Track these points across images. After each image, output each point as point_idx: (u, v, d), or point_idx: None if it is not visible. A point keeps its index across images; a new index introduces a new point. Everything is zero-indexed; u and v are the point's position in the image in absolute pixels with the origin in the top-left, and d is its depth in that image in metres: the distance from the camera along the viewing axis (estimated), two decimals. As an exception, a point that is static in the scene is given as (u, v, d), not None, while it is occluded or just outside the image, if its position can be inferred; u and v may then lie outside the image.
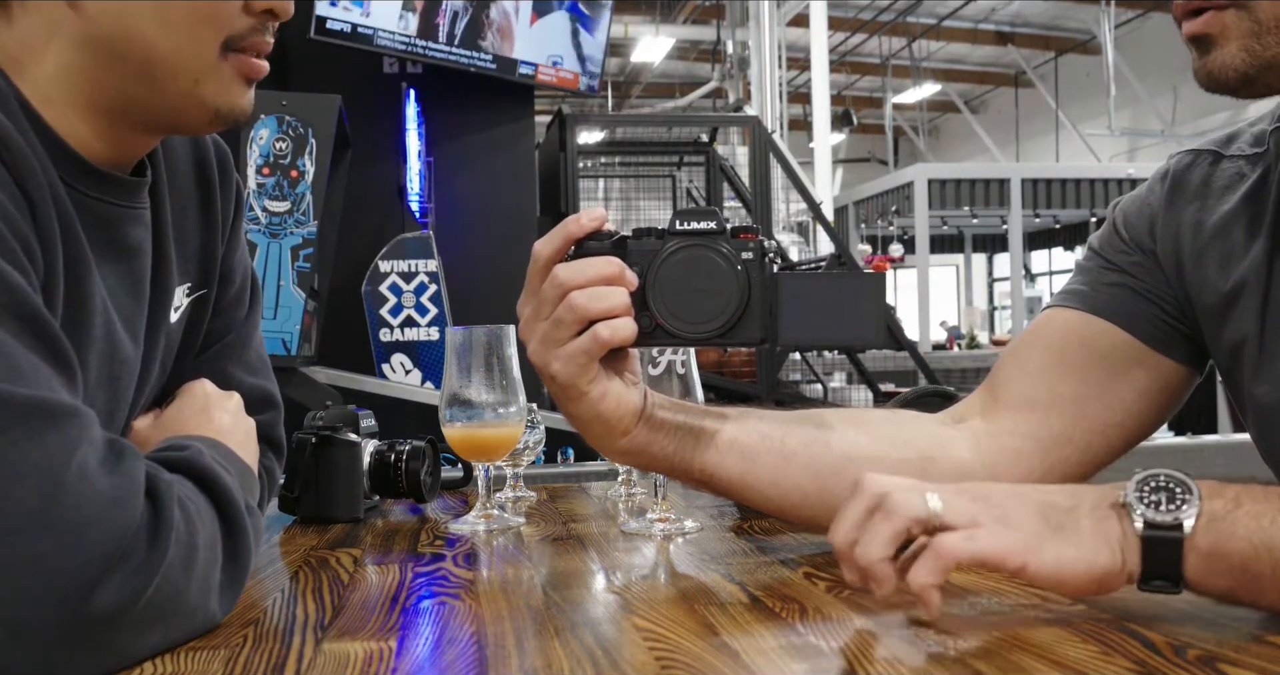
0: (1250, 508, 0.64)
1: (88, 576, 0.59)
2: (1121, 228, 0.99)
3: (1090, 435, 0.94)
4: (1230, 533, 0.63)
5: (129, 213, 0.84)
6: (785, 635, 0.67)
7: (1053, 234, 15.36)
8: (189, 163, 0.95)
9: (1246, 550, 0.63)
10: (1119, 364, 0.95)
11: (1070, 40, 15.09)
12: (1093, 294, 0.97)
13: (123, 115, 0.80)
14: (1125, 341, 0.95)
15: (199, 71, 0.79)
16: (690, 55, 14.87)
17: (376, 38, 4.59)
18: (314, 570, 0.92)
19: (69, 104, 0.78)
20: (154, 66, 0.78)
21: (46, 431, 0.61)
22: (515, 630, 0.70)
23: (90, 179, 0.80)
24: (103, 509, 0.61)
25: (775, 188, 6.86)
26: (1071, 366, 0.95)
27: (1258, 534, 0.63)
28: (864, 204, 13.47)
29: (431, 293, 4.49)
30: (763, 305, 0.83)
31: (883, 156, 18.02)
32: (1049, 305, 1.01)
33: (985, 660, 0.60)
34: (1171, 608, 0.69)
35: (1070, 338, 0.97)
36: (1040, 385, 0.96)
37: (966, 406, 1.00)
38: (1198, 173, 0.96)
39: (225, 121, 0.83)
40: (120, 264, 0.84)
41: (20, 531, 0.58)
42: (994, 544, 0.65)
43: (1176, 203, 0.96)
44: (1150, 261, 0.97)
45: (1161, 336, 0.95)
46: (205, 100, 0.80)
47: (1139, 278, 0.96)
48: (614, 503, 1.27)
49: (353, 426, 1.21)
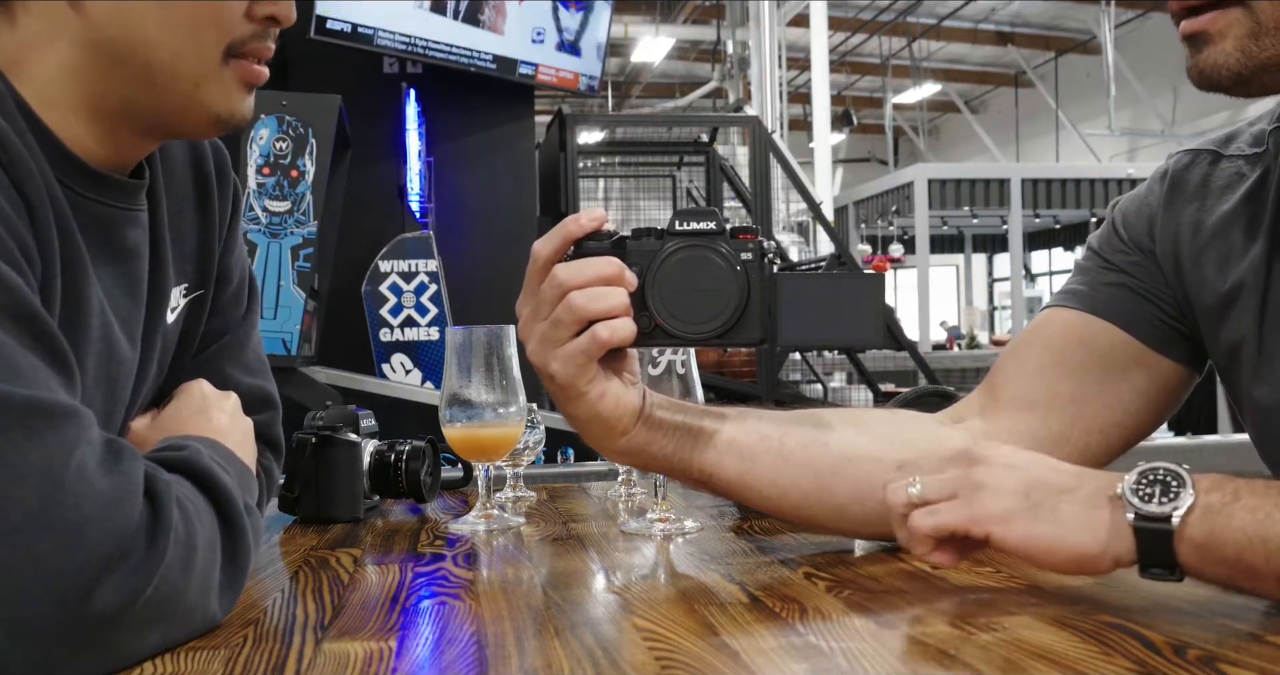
0: (1248, 501, 0.65)
1: (87, 576, 0.59)
2: (1120, 227, 0.99)
3: (1089, 435, 0.95)
4: (1226, 524, 0.65)
5: (126, 215, 0.84)
6: (785, 635, 0.67)
7: (1053, 234, 15.37)
8: (186, 163, 0.94)
9: (1241, 541, 0.64)
10: (1118, 364, 0.95)
11: (1070, 40, 15.08)
12: (1091, 294, 0.97)
13: (123, 119, 0.80)
14: (1124, 341, 0.95)
15: (200, 76, 0.79)
16: (690, 55, 14.87)
17: (376, 38, 4.60)
18: (314, 570, 0.92)
19: (69, 106, 0.78)
20: (155, 70, 0.78)
21: (45, 432, 0.61)
22: (515, 630, 0.70)
23: (88, 181, 0.79)
24: (102, 509, 0.61)
25: (775, 188, 6.86)
26: (1071, 367, 0.95)
27: (1253, 526, 0.64)
28: (864, 204, 13.47)
29: (431, 293, 4.49)
30: (762, 305, 0.83)
31: (883, 156, 18.01)
32: (1048, 305, 1.01)
33: (985, 660, 0.60)
34: (1171, 608, 0.69)
35: (1069, 338, 0.97)
36: (1039, 385, 0.96)
37: (965, 406, 1.00)
38: (1197, 172, 0.96)
39: (225, 127, 0.83)
40: (117, 266, 0.83)
41: (20, 531, 0.58)
42: (957, 515, 0.71)
43: (1175, 202, 0.96)
44: (1149, 261, 0.97)
45: (1160, 336, 0.95)
46: (206, 105, 0.80)
47: (1138, 277, 0.96)
48: (614, 503, 1.27)
49: (353, 426, 1.21)
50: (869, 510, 0.86)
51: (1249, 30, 0.77)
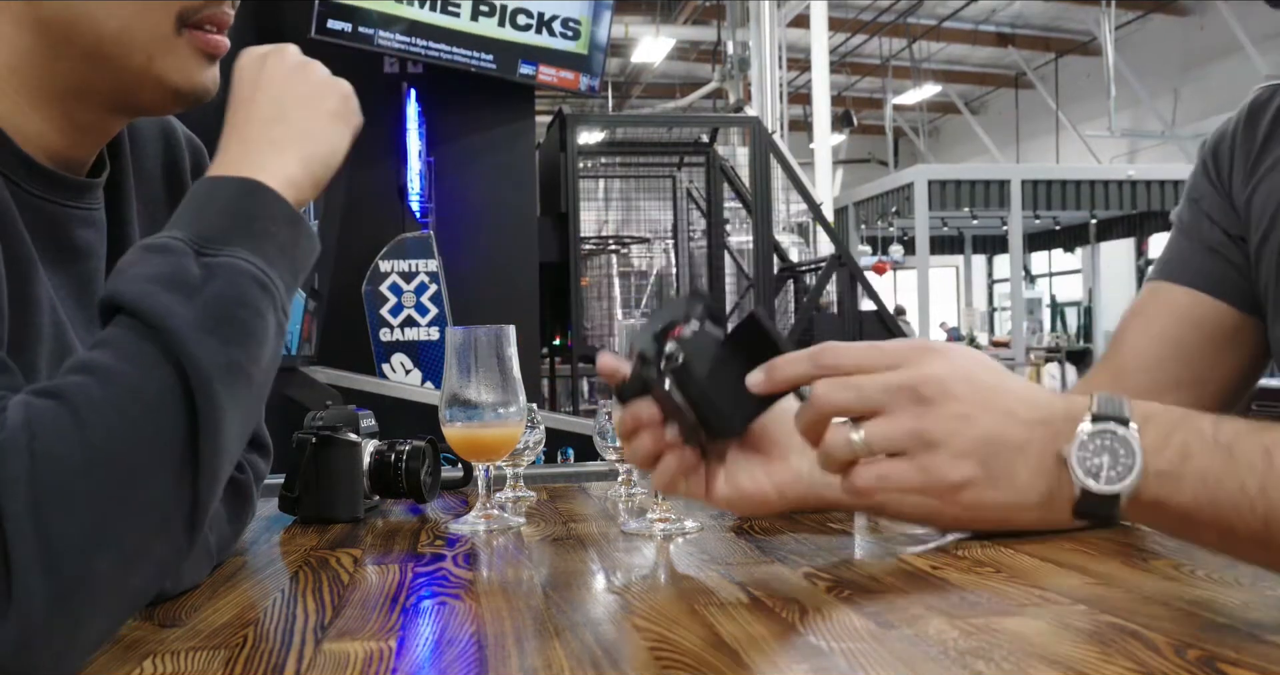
0: (1198, 463, 0.65)
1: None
2: (1209, 161, 1.04)
3: (1212, 408, 1.00)
4: (1175, 488, 0.65)
5: (77, 213, 0.81)
6: (785, 635, 0.67)
7: (1053, 235, 15.38)
8: (158, 163, 0.92)
9: (1189, 504, 0.65)
10: (1227, 337, 1.00)
11: (1070, 41, 15.10)
12: (1192, 265, 1.02)
13: (78, 100, 0.77)
14: (1226, 313, 1.00)
15: (152, 49, 0.76)
16: (690, 56, 14.88)
17: (376, 38, 4.60)
18: (314, 570, 0.92)
19: (20, 94, 0.75)
20: (105, 45, 0.75)
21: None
22: (515, 630, 0.70)
23: (36, 179, 0.77)
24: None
25: (775, 188, 6.87)
26: (1188, 351, 1.01)
27: (1203, 493, 0.64)
28: (864, 205, 13.47)
29: (432, 292, 4.50)
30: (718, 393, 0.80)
31: (883, 157, 18.02)
32: (1153, 276, 1.04)
33: (985, 660, 0.60)
34: (1172, 608, 0.69)
35: (1182, 321, 1.01)
36: (1161, 375, 1.00)
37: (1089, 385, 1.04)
38: (1273, 107, 1.00)
39: (186, 101, 0.80)
40: (68, 266, 0.80)
41: None
42: (907, 480, 0.70)
43: (1249, 135, 1.00)
44: (1228, 206, 1.01)
45: (1254, 301, 0.99)
46: (162, 79, 0.77)
47: (1229, 234, 1.00)
48: (614, 503, 1.27)
49: (353, 426, 1.21)
50: None
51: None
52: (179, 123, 0.97)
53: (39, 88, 0.76)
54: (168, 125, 0.95)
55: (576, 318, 5.72)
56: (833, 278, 6.75)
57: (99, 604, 0.58)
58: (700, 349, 0.79)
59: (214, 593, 0.84)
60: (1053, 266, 17.28)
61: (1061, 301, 16.72)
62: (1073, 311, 16.01)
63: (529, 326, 4.88)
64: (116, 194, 0.86)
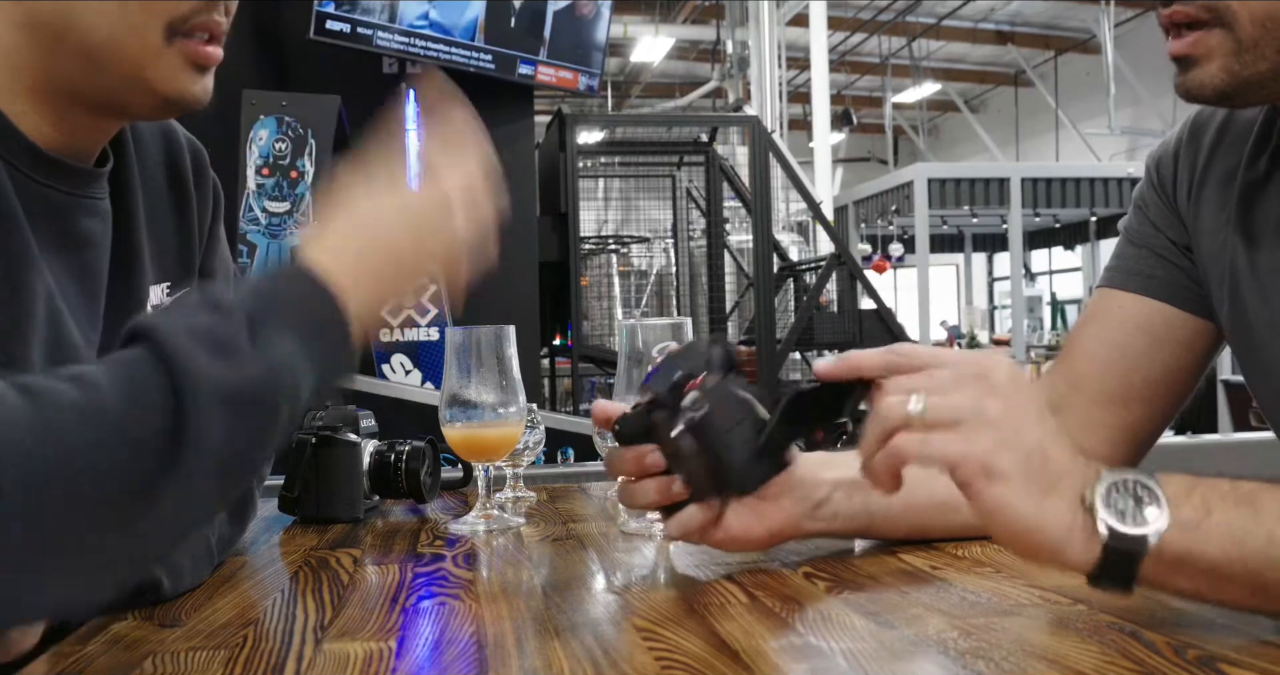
0: (1220, 517, 0.63)
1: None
2: (1153, 172, 1.04)
3: (1165, 412, 1.03)
4: (1203, 540, 0.62)
5: (81, 202, 0.81)
6: (785, 635, 0.67)
7: (1053, 233, 15.36)
8: (160, 163, 0.92)
9: (1218, 558, 0.62)
10: (1176, 341, 1.01)
11: (1070, 40, 15.08)
12: (1139, 270, 1.02)
13: (71, 100, 0.77)
14: (1176, 317, 1.00)
15: (142, 58, 0.75)
16: (690, 55, 14.86)
17: (376, 38, 4.59)
18: (314, 570, 0.92)
19: (16, 88, 0.75)
20: (95, 52, 0.74)
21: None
22: (515, 630, 0.70)
23: (40, 166, 0.77)
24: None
25: (775, 187, 6.86)
26: (1137, 356, 1.01)
27: (1232, 548, 0.62)
28: (864, 203, 13.46)
29: (431, 292, 4.50)
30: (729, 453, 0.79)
31: (883, 156, 18.01)
32: (1103, 283, 1.05)
33: (985, 660, 0.60)
34: (1172, 608, 0.69)
35: (1129, 326, 1.02)
36: (1112, 380, 1.01)
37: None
38: (1217, 119, 1.00)
39: (176, 109, 0.79)
40: (69, 255, 0.80)
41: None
42: (949, 450, 0.65)
43: (1191, 148, 1.01)
44: (1173, 214, 1.02)
45: (1203, 303, 0.99)
46: (152, 88, 0.77)
47: (1174, 240, 1.01)
48: (614, 503, 1.27)
49: (353, 426, 1.21)
50: None
51: (1232, 50, 0.80)
52: (178, 124, 0.97)
53: (34, 86, 0.76)
54: (167, 125, 0.95)
55: (576, 317, 5.72)
56: (833, 276, 6.75)
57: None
58: (723, 402, 0.78)
59: (214, 593, 0.84)
60: (1053, 264, 17.27)
61: (1062, 299, 16.72)
62: (1073, 309, 16.01)
63: (529, 326, 4.88)
64: (122, 186, 0.86)
